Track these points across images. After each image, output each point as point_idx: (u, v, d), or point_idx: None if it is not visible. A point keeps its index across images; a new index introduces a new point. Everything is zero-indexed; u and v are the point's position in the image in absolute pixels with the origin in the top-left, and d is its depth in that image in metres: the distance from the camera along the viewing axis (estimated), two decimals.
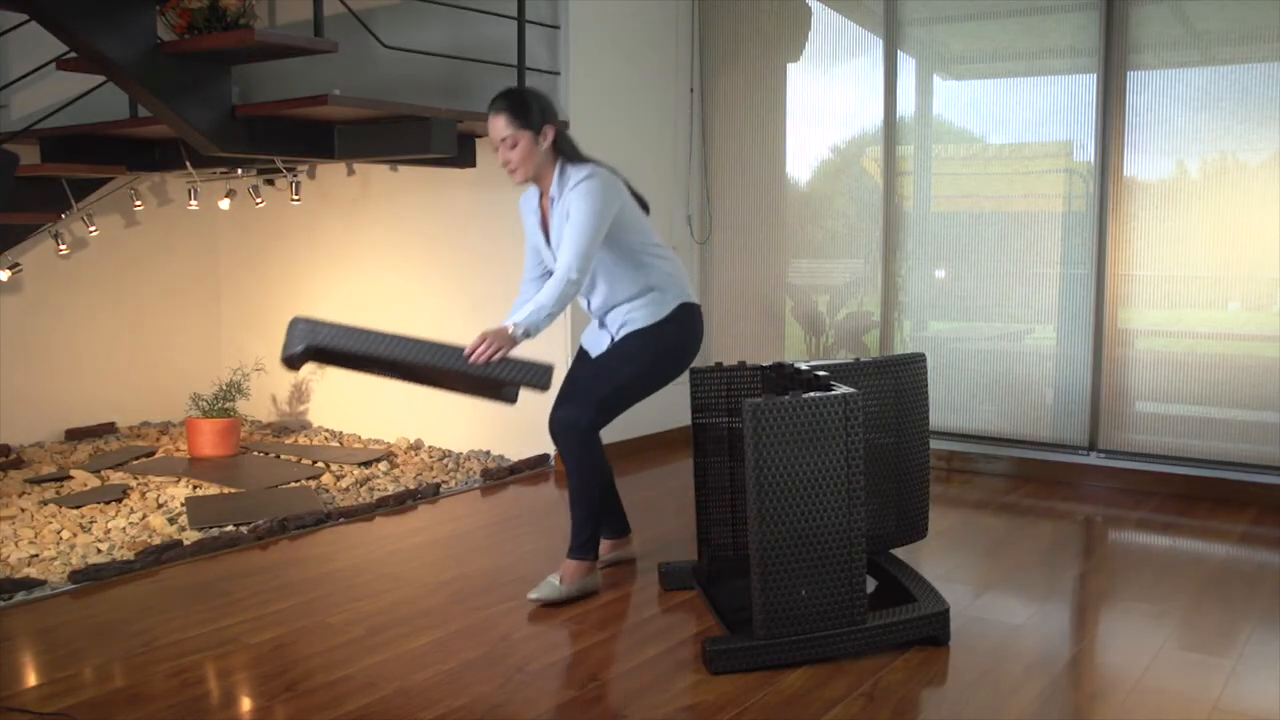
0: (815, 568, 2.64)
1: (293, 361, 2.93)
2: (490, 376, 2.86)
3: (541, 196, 3.24)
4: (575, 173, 3.09)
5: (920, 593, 2.95)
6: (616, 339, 3.23)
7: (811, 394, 2.65)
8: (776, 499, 2.60)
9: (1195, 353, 4.53)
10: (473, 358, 2.89)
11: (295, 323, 2.94)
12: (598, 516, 3.23)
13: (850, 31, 5.18)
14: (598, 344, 3.31)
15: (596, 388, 3.16)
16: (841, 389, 2.70)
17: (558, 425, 3.14)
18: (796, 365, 3.06)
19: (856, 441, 2.65)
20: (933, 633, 2.83)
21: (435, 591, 3.28)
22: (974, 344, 5.03)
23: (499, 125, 3.05)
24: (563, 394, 3.28)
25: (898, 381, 3.16)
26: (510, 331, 2.92)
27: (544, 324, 2.95)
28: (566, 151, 3.15)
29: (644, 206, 3.25)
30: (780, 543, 2.61)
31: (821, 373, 2.93)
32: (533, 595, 3.15)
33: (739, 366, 3.25)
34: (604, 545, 3.42)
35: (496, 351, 2.89)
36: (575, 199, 3.03)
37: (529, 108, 3.06)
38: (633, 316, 3.22)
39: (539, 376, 2.89)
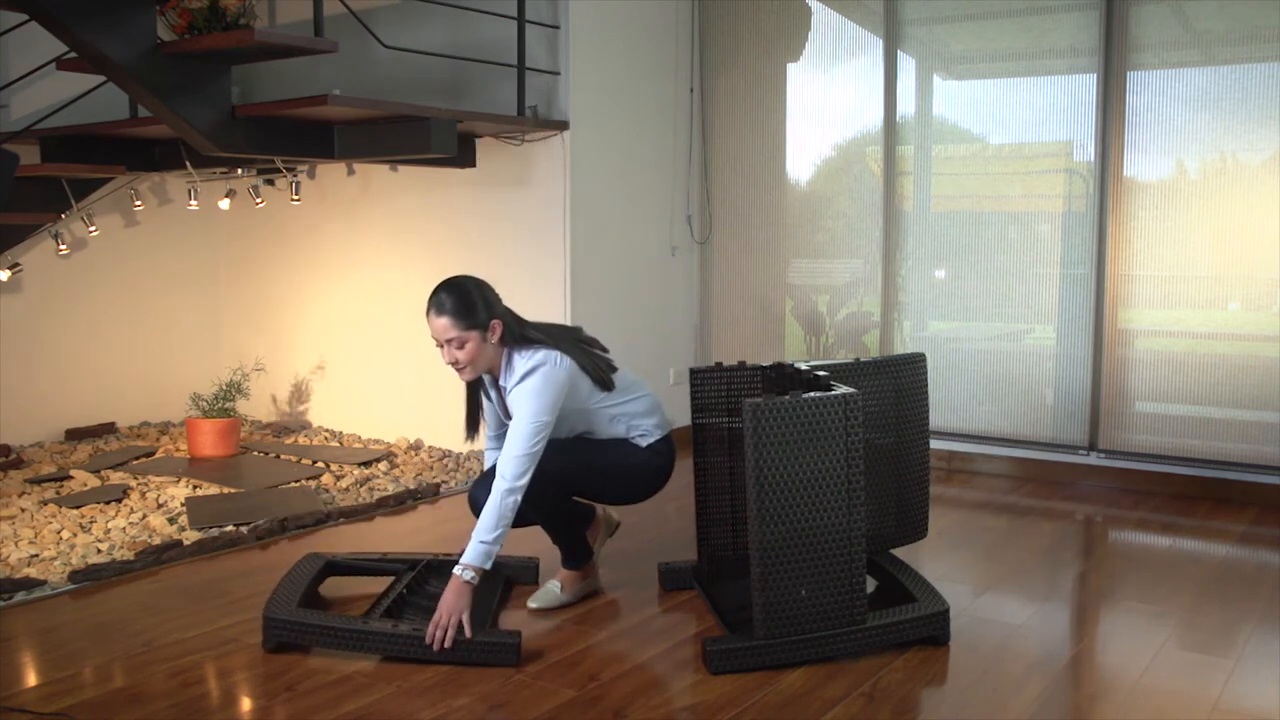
0: (815, 568, 2.64)
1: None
2: (456, 661, 2.70)
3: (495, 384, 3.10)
4: (520, 363, 2.90)
5: (920, 593, 2.95)
6: None
7: (811, 394, 2.65)
8: (776, 499, 2.60)
9: (1195, 353, 4.53)
10: (435, 645, 2.69)
11: None
12: (564, 527, 3.13)
13: (850, 31, 5.18)
14: None
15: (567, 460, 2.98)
16: (841, 389, 2.70)
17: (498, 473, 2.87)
18: (796, 365, 3.06)
19: (856, 442, 2.65)
20: (933, 633, 2.83)
21: None
22: (974, 344, 5.03)
23: (441, 326, 2.88)
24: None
25: (897, 381, 3.16)
26: (465, 580, 2.72)
27: (494, 549, 2.75)
28: (512, 337, 2.94)
29: (609, 367, 3.06)
30: (780, 543, 2.61)
31: (821, 373, 2.93)
32: (533, 604, 3.12)
33: (739, 366, 3.25)
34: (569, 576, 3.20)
35: (458, 617, 2.70)
36: (518, 398, 2.86)
37: (474, 306, 2.89)
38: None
39: (504, 655, 2.72)
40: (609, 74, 5.01)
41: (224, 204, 5.61)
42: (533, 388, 2.85)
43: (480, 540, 2.74)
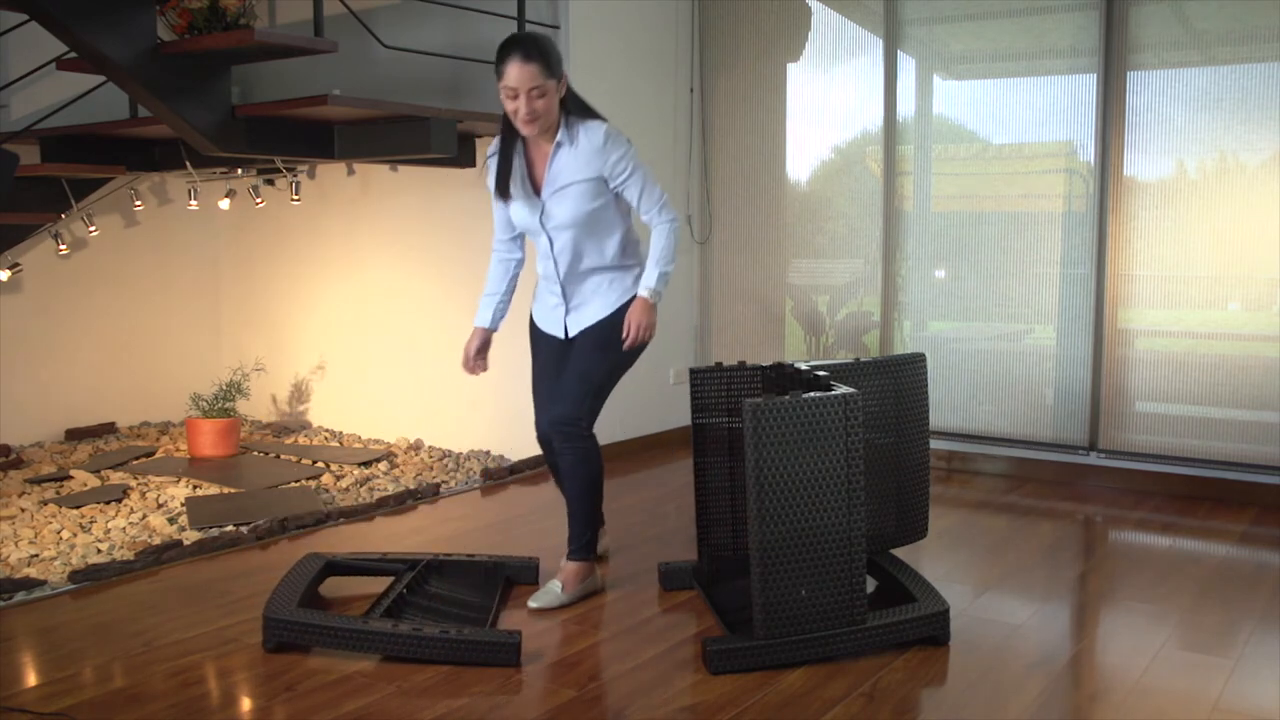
0: (815, 568, 2.64)
1: None
2: (456, 661, 2.71)
3: (527, 147, 3.10)
4: (595, 125, 3.05)
5: (920, 592, 2.95)
6: (585, 324, 3.17)
7: (811, 394, 2.65)
8: (776, 499, 2.60)
9: (1195, 353, 4.53)
10: (629, 345, 3.03)
11: None
12: (599, 514, 3.22)
13: (850, 31, 5.18)
14: (555, 324, 3.25)
15: (586, 381, 3.11)
16: (841, 389, 2.70)
17: (559, 426, 3.10)
18: (796, 365, 3.06)
19: (856, 442, 2.65)
20: (933, 633, 2.83)
21: None
22: (974, 344, 5.03)
23: (529, 74, 2.88)
24: (549, 394, 3.22)
25: (897, 382, 3.16)
26: (654, 302, 3.06)
27: (670, 276, 3.09)
28: (574, 100, 3.09)
29: None
30: (780, 543, 2.61)
31: (821, 373, 2.93)
32: (533, 604, 3.11)
33: (739, 366, 3.25)
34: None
35: (653, 330, 3.06)
36: (613, 147, 3.04)
37: (556, 56, 2.96)
38: (601, 291, 3.15)
39: (504, 655, 2.73)
40: (609, 74, 5.01)
41: (224, 204, 5.61)
42: (624, 142, 3.08)
43: (662, 269, 3.06)
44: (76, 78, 4.61)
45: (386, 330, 5.46)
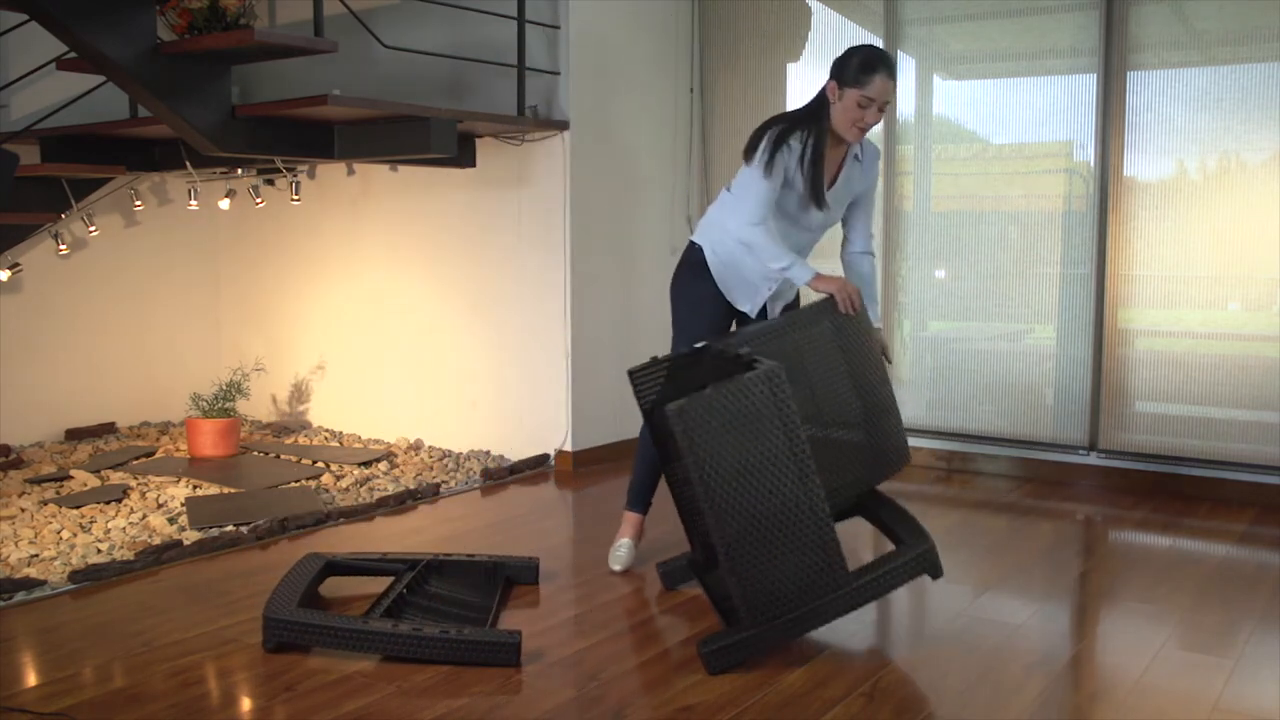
0: (784, 547, 2.60)
1: None
2: (456, 661, 2.72)
3: (829, 148, 3.19)
4: (875, 148, 3.34)
5: (905, 532, 2.89)
6: (783, 303, 3.42)
7: (732, 380, 2.57)
8: (726, 494, 2.56)
9: (1195, 353, 4.53)
10: (843, 308, 3.06)
11: None
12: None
13: (850, 31, 5.18)
14: (746, 297, 3.34)
15: None
16: (763, 364, 2.63)
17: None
18: (718, 346, 2.98)
19: (791, 413, 2.58)
20: (920, 572, 2.77)
21: None
22: (974, 344, 5.03)
23: (890, 89, 3.10)
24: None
25: (833, 323, 3.04)
26: (880, 327, 3.25)
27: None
28: None
29: None
30: (742, 535, 2.58)
31: (744, 349, 2.85)
32: (616, 566, 3.45)
33: (667, 359, 3.18)
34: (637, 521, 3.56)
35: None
36: (877, 178, 3.33)
37: None
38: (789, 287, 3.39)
39: (504, 655, 2.74)
40: (609, 74, 5.01)
41: (224, 204, 5.61)
42: (878, 179, 3.36)
43: (877, 302, 3.39)
44: (76, 78, 4.61)
45: (386, 330, 5.46)
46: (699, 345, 3.12)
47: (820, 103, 3.16)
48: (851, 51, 3.13)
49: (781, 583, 2.63)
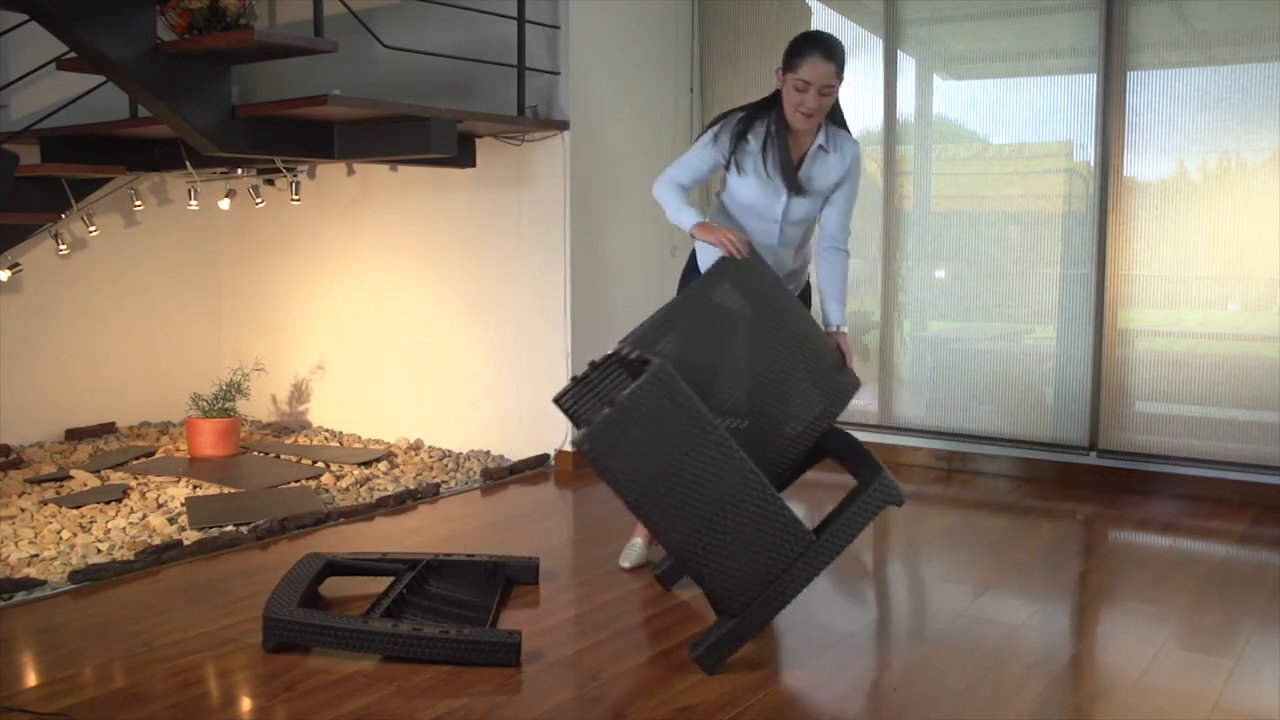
0: (734, 531, 2.60)
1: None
2: (456, 661, 2.72)
3: (789, 133, 3.14)
4: (849, 137, 3.19)
5: (859, 468, 2.83)
6: None
7: (622, 395, 2.55)
8: (660, 504, 2.56)
9: (1195, 353, 4.53)
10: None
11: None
12: None
13: (850, 31, 5.18)
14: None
15: None
16: (651, 364, 2.60)
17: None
18: (608, 355, 2.95)
19: (691, 402, 2.55)
20: (884, 504, 2.69)
21: None
22: (974, 344, 5.03)
23: (828, 72, 3.00)
24: None
25: (733, 280, 3.00)
26: (844, 330, 3.14)
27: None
28: (839, 110, 3.19)
29: None
30: (690, 537, 2.58)
31: (632, 353, 2.83)
32: (625, 563, 3.46)
33: (589, 369, 3.08)
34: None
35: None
36: (855, 170, 3.18)
37: (845, 60, 3.07)
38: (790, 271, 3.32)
39: (504, 655, 2.74)
40: (609, 74, 5.01)
41: (224, 204, 5.61)
42: (859, 175, 3.21)
43: (843, 303, 3.18)
44: (76, 78, 4.61)
45: (386, 330, 5.46)
46: (610, 351, 3.04)
47: (777, 91, 3.15)
48: (795, 37, 3.10)
49: (745, 567, 2.61)
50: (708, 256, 3.25)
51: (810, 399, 3.03)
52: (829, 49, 3.01)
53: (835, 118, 3.18)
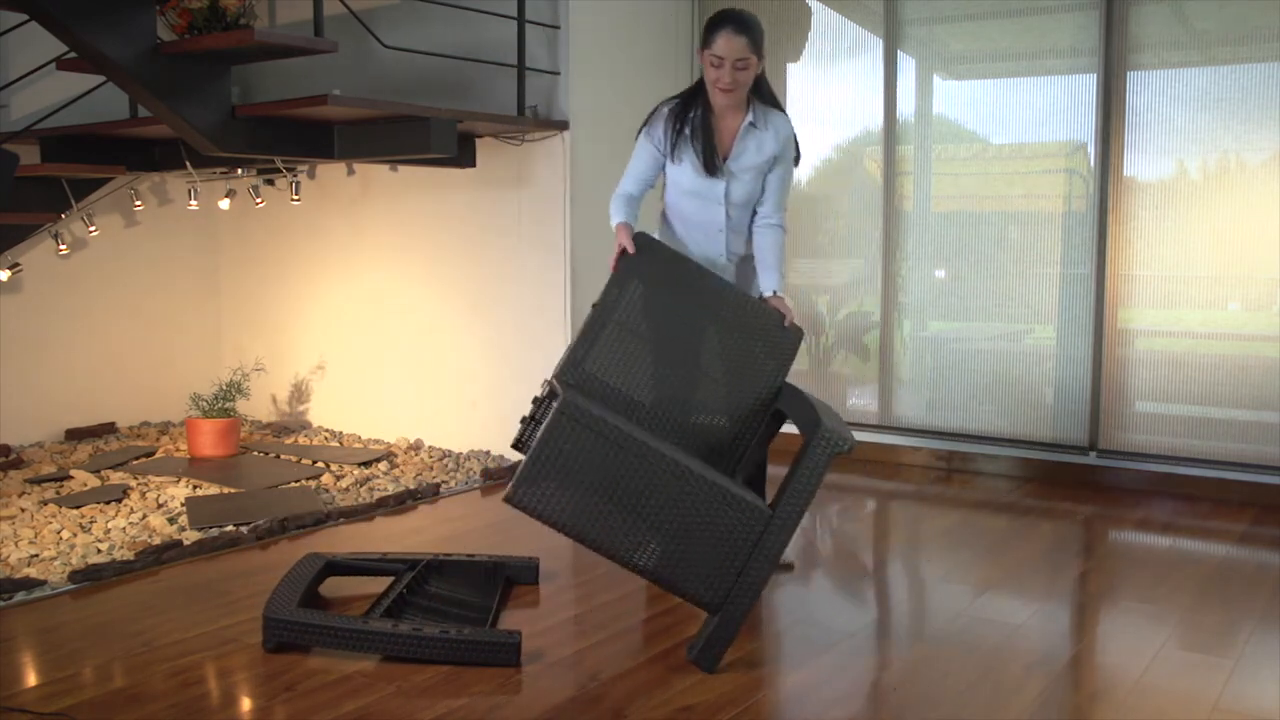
0: (689, 532, 2.61)
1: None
2: (456, 661, 2.75)
3: (711, 120, 3.18)
4: (780, 115, 3.22)
5: (804, 426, 2.81)
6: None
7: (534, 442, 2.60)
8: (607, 532, 2.59)
9: (1195, 353, 4.53)
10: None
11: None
12: None
13: (850, 31, 5.18)
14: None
15: None
16: (559, 396, 2.64)
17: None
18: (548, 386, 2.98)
19: (604, 423, 2.57)
20: (833, 453, 2.65)
21: None
22: (974, 344, 5.03)
23: (738, 46, 3.05)
24: None
25: (644, 272, 3.03)
26: (781, 294, 3.17)
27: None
28: (767, 87, 3.22)
29: None
30: (652, 555, 2.61)
31: (551, 383, 2.89)
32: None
33: (537, 404, 3.08)
34: None
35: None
36: (789, 146, 3.21)
37: (762, 36, 3.11)
38: (747, 278, 3.33)
39: (504, 655, 2.76)
40: (609, 74, 5.01)
41: (224, 204, 5.61)
42: (796, 141, 3.23)
43: (779, 271, 3.20)
44: (76, 78, 4.61)
45: (386, 330, 5.46)
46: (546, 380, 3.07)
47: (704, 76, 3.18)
48: (710, 14, 3.15)
49: (712, 561, 2.62)
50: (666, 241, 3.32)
51: (760, 365, 3.09)
52: (741, 23, 3.08)
53: (765, 97, 3.22)
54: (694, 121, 3.17)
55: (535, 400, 3.03)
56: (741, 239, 3.31)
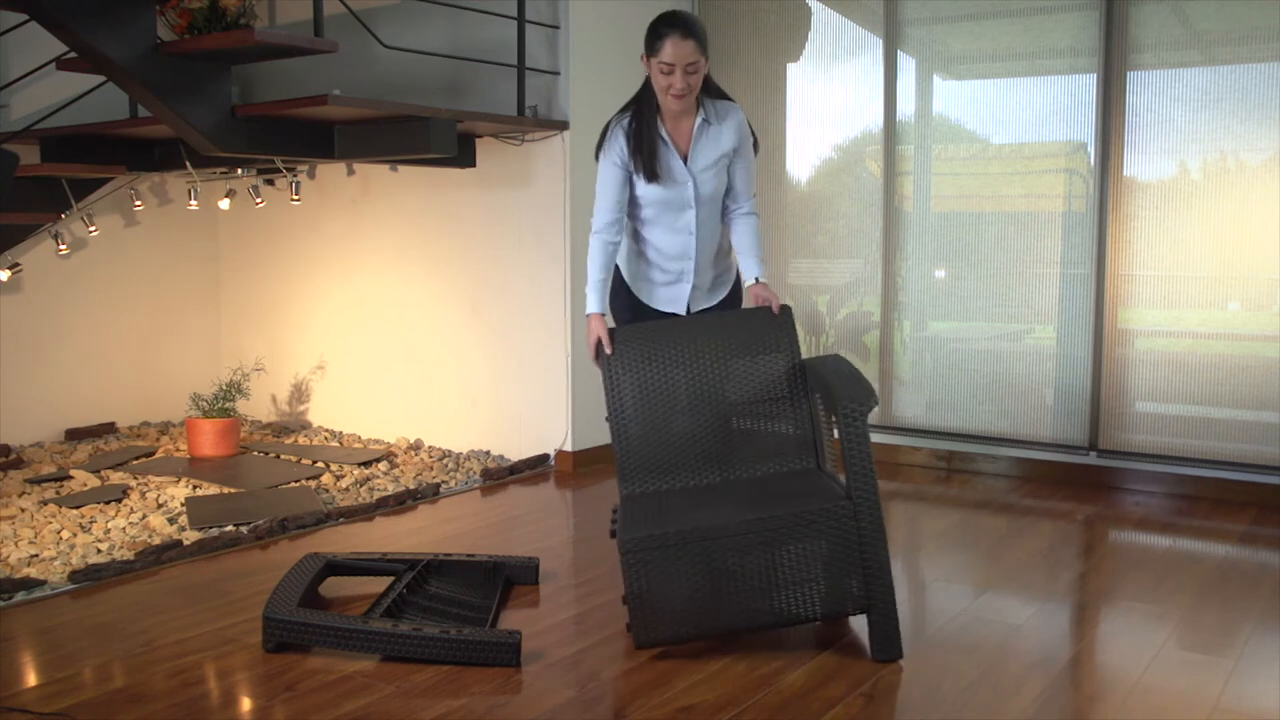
0: (802, 566, 2.68)
1: None
2: (456, 661, 2.77)
3: (676, 119, 3.17)
4: (729, 104, 3.21)
5: (832, 406, 2.82)
6: (703, 305, 3.29)
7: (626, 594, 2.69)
8: (749, 610, 2.67)
9: (1195, 353, 4.53)
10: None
11: None
12: None
13: (850, 31, 5.18)
14: (676, 301, 3.28)
15: None
16: (619, 543, 2.69)
17: None
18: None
19: (668, 535, 2.64)
20: (862, 412, 2.68)
21: None
22: (974, 344, 5.03)
23: (689, 49, 3.02)
24: None
25: (639, 349, 3.11)
26: (763, 280, 3.21)
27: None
28: (711, 80, 3.20)
29: None
30: (797, 601, 2.68)
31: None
32: None
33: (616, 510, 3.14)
34: None
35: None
36: (745, 132, 3.20)
37: (706, 34, 3.10)
38: (720, 271, 3.32)
39: (504, 655, 2.80)
40: (609, 74, 5.01)
41: (224, 204, 5.61)
42: (749, 128, 3.23)
43: (758, 249, 3.24)
44: (76, 78, 4.61)
45: (386, 330, 5.46)
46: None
47: (647, 79, 3.17)
48: (652, 20, 3.13)
49: (836, 574, 2.67)
50: (654, 295, 3.30)
51: (772, 363, 3.13)
52: (687, 26, 3.04)
53: (711, 91, 3.21)
54: (650, 133, 3.14)
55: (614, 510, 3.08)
56: (711, 231, 3.26)
